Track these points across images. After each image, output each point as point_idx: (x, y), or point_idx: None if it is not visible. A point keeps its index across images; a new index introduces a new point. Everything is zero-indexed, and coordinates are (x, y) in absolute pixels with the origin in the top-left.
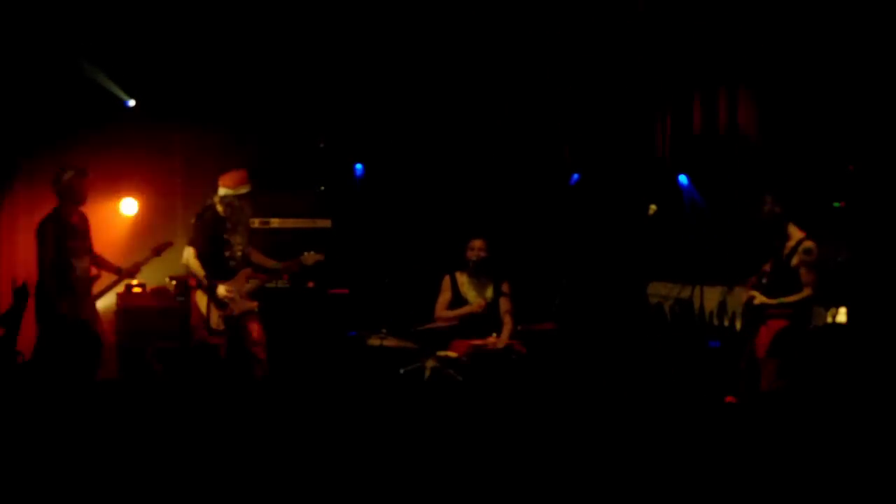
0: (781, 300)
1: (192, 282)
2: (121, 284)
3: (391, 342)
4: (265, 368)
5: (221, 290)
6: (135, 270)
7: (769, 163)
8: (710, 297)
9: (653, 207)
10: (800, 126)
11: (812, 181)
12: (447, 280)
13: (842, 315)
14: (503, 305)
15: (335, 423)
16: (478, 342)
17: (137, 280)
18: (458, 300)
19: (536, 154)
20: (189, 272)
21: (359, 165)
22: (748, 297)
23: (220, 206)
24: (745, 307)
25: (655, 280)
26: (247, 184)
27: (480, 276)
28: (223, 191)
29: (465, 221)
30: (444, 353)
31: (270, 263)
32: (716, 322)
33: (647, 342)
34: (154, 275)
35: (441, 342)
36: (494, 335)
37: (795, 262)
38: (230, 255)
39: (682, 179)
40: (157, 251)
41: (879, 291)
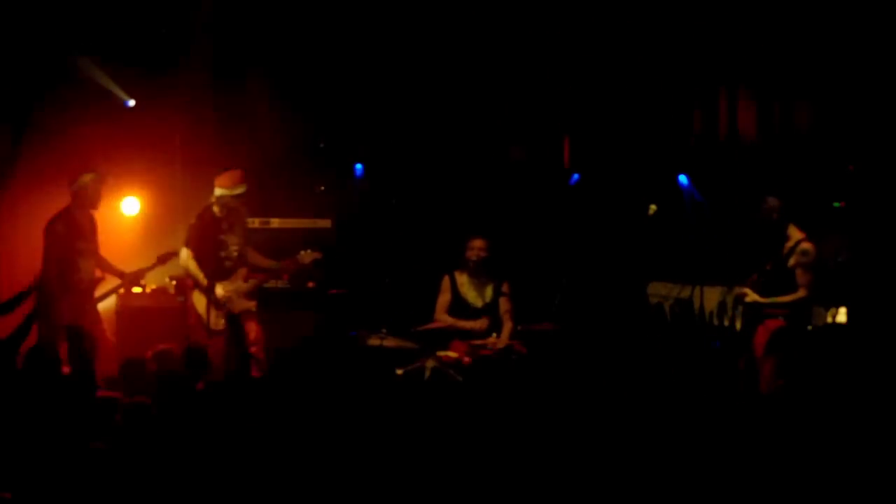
0: (773, 300)
1: (189, 282)
2: (124, 287)
3: (391, 342)
4: (263, 368)
5: (219, 290)
6: (139, 277)
7: (769, 163)
8: (710, 297)
9: (653, 207)
10: (800, 126)
11: (812, 181)
12: (447, 280)
13: (842, 315)
14: (503, 305)
15: (334, 424)
16: (478, 342)
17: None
18: (458, 300)
19: (537, 154)
20: (187, 273)
21: (359, 165)
22: (740, 294)
23: (217, 207)
24: (734, 303)
25: (655, 280)
26: (243, 184)
27: (480, 276)
28: (219, 191)
29: (465, 221)
30: (444, 353)
31: (267, 263)
32: (716, 322)
33: (647, 342)
34: (154, 276)
35: (441, 342)
36: (494, 335)
37: (792, 263)
38: (226, 256)
39: (682, 179)
40: (163, 260)
41: (879, 291)
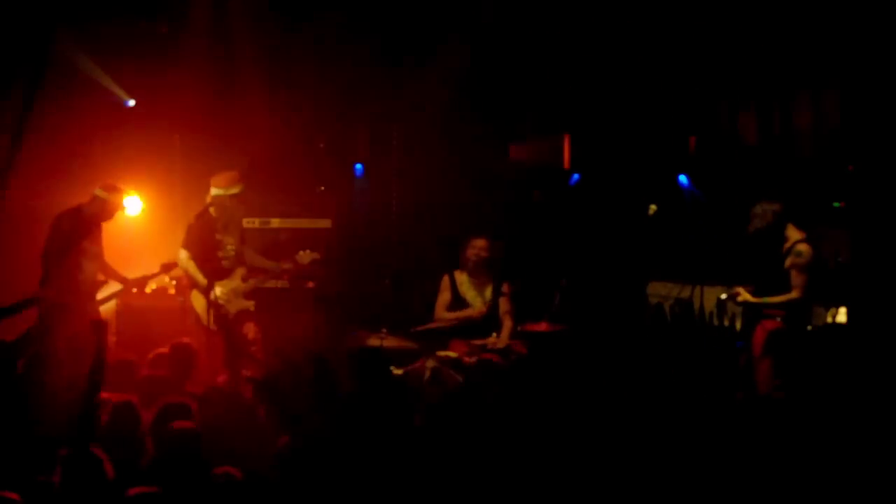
0: (764, 300)
1: (187, 282)
2: (125, 292)
3: (391, 342)
4: (262, 368)
5: (218, 290)
6: (142, 283)
7: (769, 163)
8: (710, 297)
9: (653, 207)
10: (800, 127)
11: (812, 181)
12: (446, 280)
13: (842, 315)
14: (503, 306)
15: (333, 424)
16: (478, 342)
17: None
18: (458, 300)
19: (538, 153)
20: (186, 274)
21: (359, 165)
22: (733, 293)
23: (213, 207)
24: (718, 304)
25: (655, 280)
26: (238, 184)
27: (480, 276)
28: (215, 191)
29: (465, 221)
30: (444, 353)
31: (265, 263)
32: (716, 322)
33: (647, 342)
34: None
35: (441, 342)
36: (494, 335)
37: (788, 264)
38: (224, 256)
39: (682, 179)
40: (167, 268)
41: (879, 291)
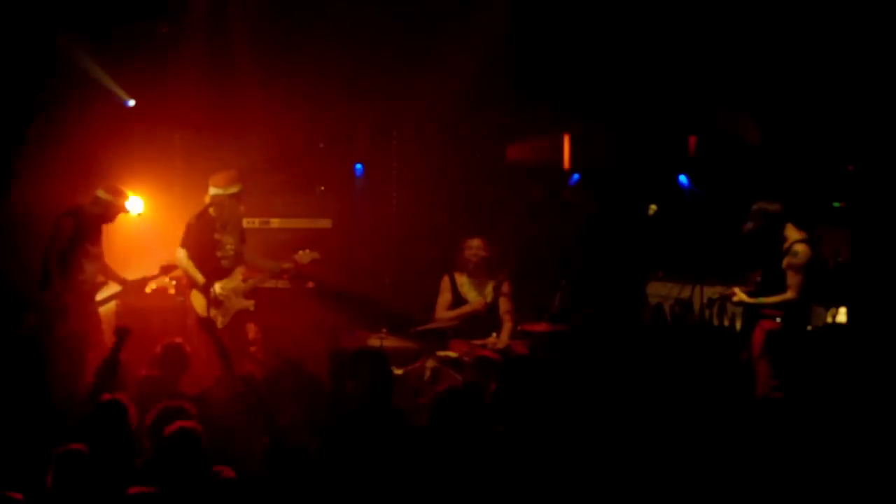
0: (759, 300)
1: (186, 281)
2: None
3: (391, 342)
4: (262, 368)
5: (218, 290)
6: (141, 285)
7: (769, 163)
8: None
9: (653, 207)
10: (800, 127)
11: (812, 181)
12: (446, 280)
13: (842, 315)
14: (503, 306)
15: (333, 424)
16: (478, 342)
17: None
18: (459, 301)
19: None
20: (185, 273)
21: (359, 165)
22: (728, 293)
23: (212, 206)
24: (709, 302)
25: (656, 280)
26: (237, 183)
27: (480, 276)
28: (213, 190)
29: (465, 221)
30: (444, 353)
31: (265, 262)
32: (716, 322)
33: (647, 342)
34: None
35: (441, 342)
36: (494, 335)
37: (784, 264)
38: (223, 255)
39: (682, 179)
40: (166, 270)
41: (879, 291)
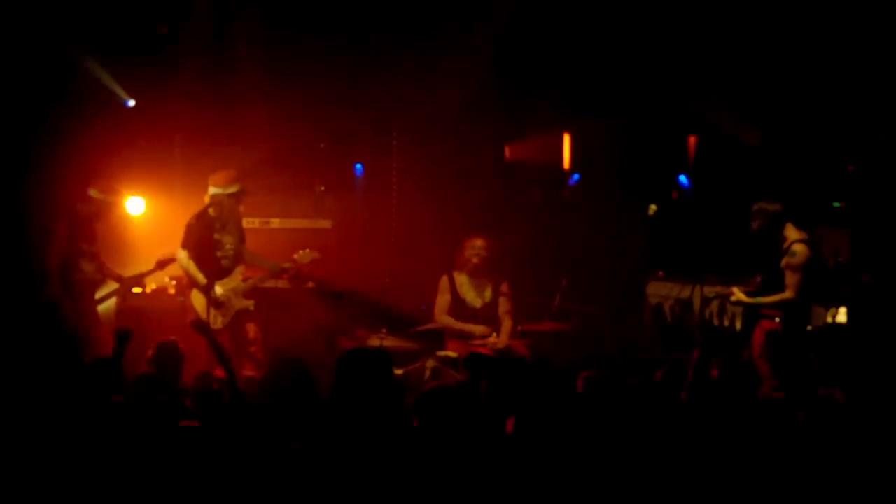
0: (757, 299)
1: (187, 282)
2: (123, 290)
3: (391, 342)
4: (262, 368)
5: (218, 290)
6: (138, 281)
7: (769, 163)
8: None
9: (653, 207)
10: (800, 127)
11: (812, 181)
12: (445, 280)
13: (842, 315)
14: (502, 306)
15: (333, 424)
16: (477, 342)
17: None
18: (458, 301)
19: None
20: (186, 274)
21: (359, 165)
22: (726, 293)
23: (211, 206)
24: (704, 301)
25: (655, 280)
26: (236, 183)
27: (480, 277)
28: (213, 189)
29: (465, 221)
30: (444, 353)
31: (265, 262)
32: (716, 322)
33: (647, 342)
34: (154, 276)
35: (441, 342)
36: (494, 335)
37: (783, 264)
38: (223, 255)
39: (682, 179)
40: (162, 264)
41: (879, 291)
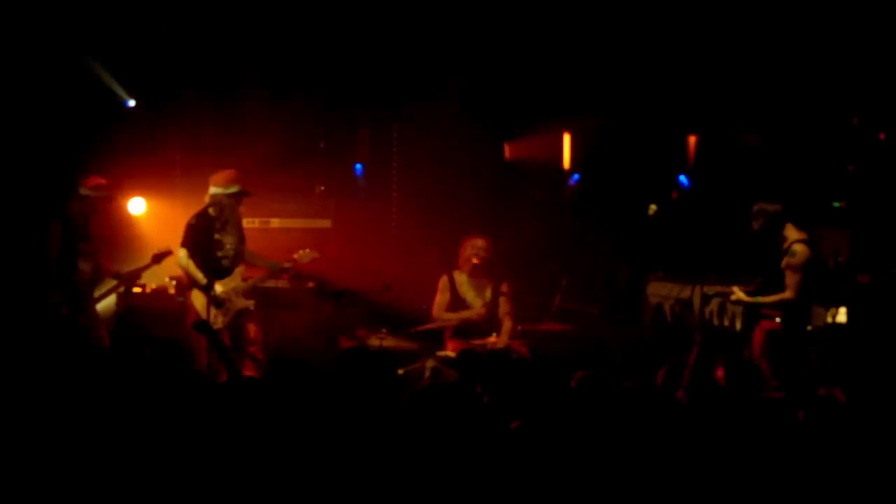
0: (757, 299)
1: (187, 281)
2: (122, 287)
3: (391, 342)
4: (262, 368)
5: (218, 289)
6: (135, 276)
7: (769, 163)
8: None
9: (653, 207)
10: (800, 127)
11: (812, 181)
12: (445, 280)
13: (842, 315)
14: (503, 306)
15: (332, 425)
16: (477, 342)
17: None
18: (457, 301)
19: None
20: (186, 274)
21: (359, 165)
22: (726, 292)
23: (211, 206)
24: (703, 300)
25: (655, 280)
26: (236, 183)
27: (480, 277)
28: (213, 189)
29: (465, 221)
30: (444, 353)
31: (265, 262)
32: (716, 322)
33: (648, 342)
34: (154, 276)
35: (441, 342)
36: (494, 335)
37: (783, 265)
38: (223, 255)
39: (682, 179)
40: (158, 258)
41: (879, 291)
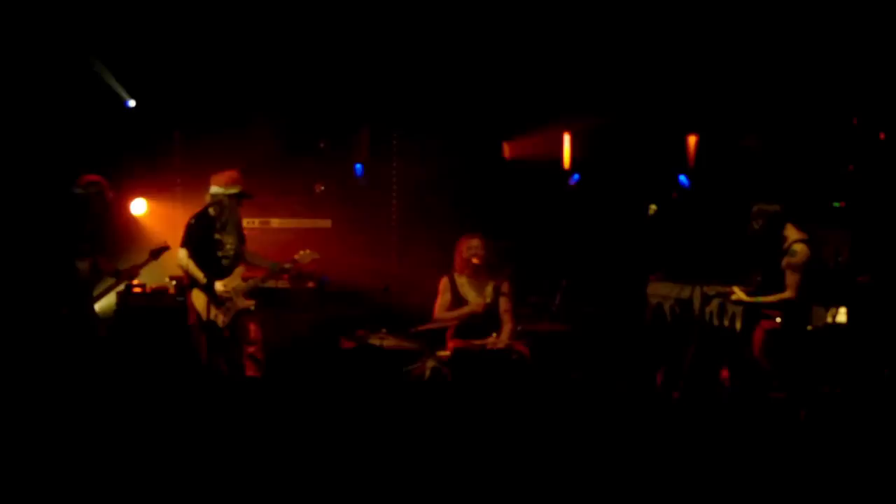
0: (757, 299)
1: (186, 281)
2: (121, 284)
3: (391, 342)
4: (262, 368)
5: (219, 289)
6: (134, 273)
7: (769, 163)
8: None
9: (653, 207)
10: (800, 127)
11: (812, 181)
12: (445, 281)
13: (842, 315)
14: (503, 305)
15: (332, 425)
16: (477, 342)
17: (137, 280)
18: (458, 301)
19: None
20: (186, 273)
21: (359, 165)
22: (726, 292)
23: (212, 206)
24: (704, 300)
25: (655, 280)
26: (238, 184)
27: (480, 277)
28: (214, 188)
29: (465, 221)
30: (444, 353)
31: (265, 262)
32: (716, 322)
33: (648, 342)
34: (154, 276)
35: (441, 342)
36: (494, 335)
37: (783, 264)
38: (223, 255)
39: (682, 179)
40: (155, 254)
41: (879, 291)
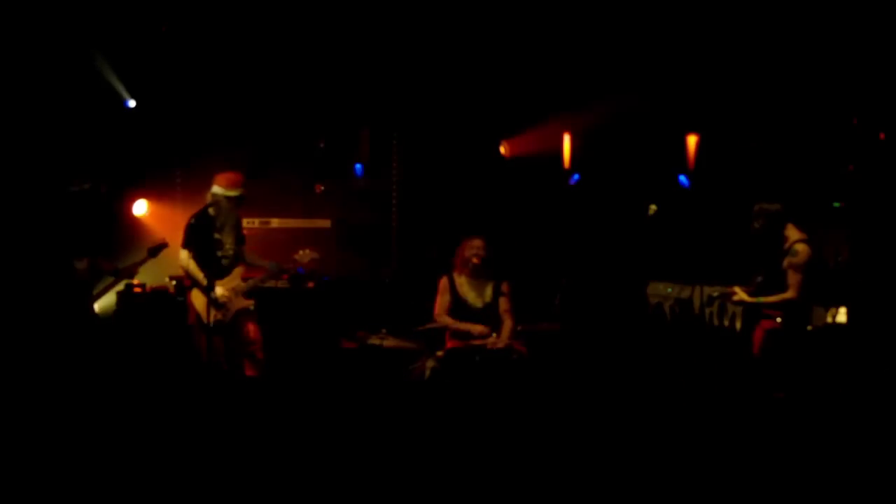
0: (759, 299)
1: (187, 281)
2: (120, 284)
3: (391, 342)
4: (262, 368)
5: (219, 290)
6: (132, 271)
7: (769, 163)
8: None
9: (653, 207)
10: (800, 127)
11: (812, 181)
12: (445, 281)
13: (842, 315)
14: (502, 305)
15: (333, 425)
16: (477, 342)
17: (137, 280)
18: (458, 301)
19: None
20: (187, 274)
21: (359, 165)
22: (728, 292)
23: (211, 207)
24: (708, 301)
25: (655, 280)
26: (237, 187)
27: (480, 277)
28: (215, 189)
29: (465, 221)
30: (443, 354)
31: (265, 262)
32: (716, 322)
33: (647, 342)
34: (154, 276)
35: (441, 342)
36: (494, 335)
37: (785, 265)
38: (223, 255)
39: (682, 179)
40: (153, 252)
41: (879, 291)
